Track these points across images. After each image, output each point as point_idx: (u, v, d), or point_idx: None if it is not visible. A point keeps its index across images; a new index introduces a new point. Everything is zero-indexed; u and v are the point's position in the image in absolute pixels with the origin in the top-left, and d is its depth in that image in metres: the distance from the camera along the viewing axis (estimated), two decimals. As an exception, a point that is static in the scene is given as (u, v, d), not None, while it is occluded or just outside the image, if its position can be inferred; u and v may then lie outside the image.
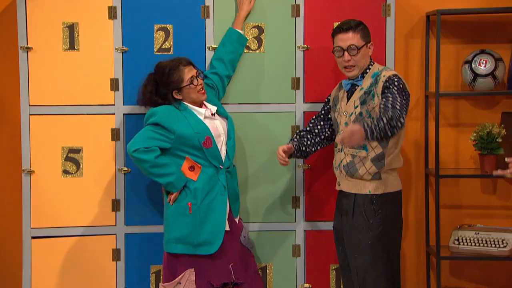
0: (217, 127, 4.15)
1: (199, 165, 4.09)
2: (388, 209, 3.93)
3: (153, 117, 4.05)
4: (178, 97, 4.11)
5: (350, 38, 3.95)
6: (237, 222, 4.25)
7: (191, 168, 4.09)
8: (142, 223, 4.43)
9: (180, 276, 4.09)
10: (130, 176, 4.39)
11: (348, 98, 4.02)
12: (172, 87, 4.08)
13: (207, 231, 4.07)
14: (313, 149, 4.17)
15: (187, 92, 4.10)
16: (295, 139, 4.15)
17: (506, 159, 3.54)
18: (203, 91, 4.12)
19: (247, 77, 4.41)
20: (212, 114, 4.16)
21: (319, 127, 4.19)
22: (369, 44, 4.00)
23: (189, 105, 4.13)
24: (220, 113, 4.24)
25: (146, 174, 4.08)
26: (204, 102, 4.19)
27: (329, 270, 4.48)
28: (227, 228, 4.13)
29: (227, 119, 4.24)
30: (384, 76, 3.90)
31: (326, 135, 4.18)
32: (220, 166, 4.12)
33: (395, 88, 3.84)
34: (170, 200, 4.09)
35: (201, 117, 4.11)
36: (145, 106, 4.18)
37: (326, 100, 4.23)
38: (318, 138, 4.17)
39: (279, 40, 4.41)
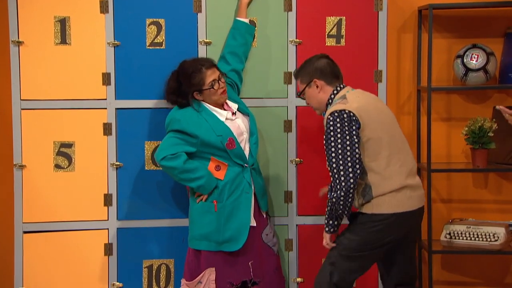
0: (239, 126, 4.15)
1: (225, 164, 4.09)
2: (368, 228, 3.80)
3: (174, 124, 4.06)
4: (199, 98, 4.10)
5: (298, 86, 4.03)
6: (264, 217, 4.26)
7: (217, 167, 4.09)
8: (134, 218, 4.42)
9: (200, 276, 4.11)
10: (122, 170, 4.38)
11: None
12: (193, 89, 4.07)
13: (231, 228, 4.08)
14: None
15: (207, 94, 4.09)
16: None
17: (497, 107, 3.62)
18: (224, 93, 4.11)
19: (239, 72, 4.41)
20: (233, 113, 4.15)
21: None
22: (311, 83, 3.95)
23: (210, 106, 4.12)
24: (241, 110, 4.23)
25: (176, 180, 4.10)
26: (227, 101, 4.19)
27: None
28: (253, 224, 4.15)
29: (248, 116, 4.23)
30: (324, 118, 3.85)
31: None
32: (245, 165, 4.13)
33: (326, 144, 3.78)
34: (199, 200, 4.12)
35: (223, 119, 4.11)
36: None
37: None
38: None
39: (271, 34, 4.41)
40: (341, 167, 3.73)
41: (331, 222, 3.90)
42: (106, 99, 4.37)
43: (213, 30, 4.38)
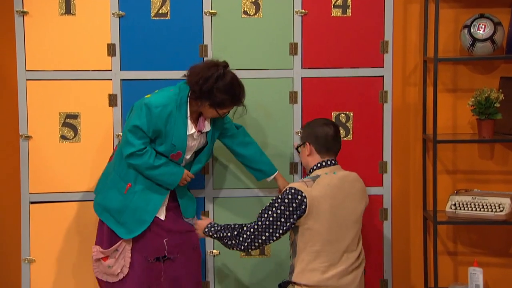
0: (194, 145, 4.09)
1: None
2: None
3: (141, 117, 3.94)
4: (204, 104, 3.95)
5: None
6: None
7: None
8: (140, 189, 4.43)
9: (118, 244, 4.10)
10: (128, 141, 4.39)
11: None
12: (211, 102, 3.93)
13: (131, 217, 4.05)
14: None
15: (209, 111, 3.99)
16: None
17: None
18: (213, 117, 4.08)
19: (244, 43, 4.38)
20: (199, 132, 4.08)
21: None
22: (305, 144, 3.99)
23: (189, 115, 4.01)
24: (208, 136, 4.15)
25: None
26: (207, 119, 4.10)
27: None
28: (162, 218, 4.11)
29: (207, 144, 4.16)
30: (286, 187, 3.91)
31: None
32: None
33: (268, 206, 3.87)
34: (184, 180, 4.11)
35: (188, 133, 4.02)
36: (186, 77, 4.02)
37: None
38: None
39: (277, 5, 4.38)
40: (259, 232, 3.85)
41: (215, 235, 3.95)
42: (111, 70, 4.36)
43: (218, 0, 4.35)
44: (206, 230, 3.98)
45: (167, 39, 4.33)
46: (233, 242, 3.89)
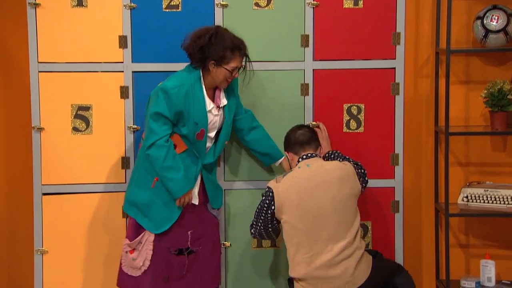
0: (214, 122, 4.12)
1: (184, 146, 4.06)
2: None
3: (162, 103, 3.96)
4: (211, 68, 4.01)
5: None
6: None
7: (174, 146, 4.05)
8: (151, 180, 4.45)
9: (140, 236, 4.12)
10: (139, 134, 4.39)
11: None
12: (215, 58, 3.99)
13: (158, 212, 4.08)
14: None
15: (219, 73, 4.02)
16: None
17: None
18: (228, 82, 4.08)
19: (256, 35, 4.38)
20: (218, 107, 4.11)
21: None
22: (286, 153, 4.17)
23: (205, 90, 4.06)
24: (225, 111, 4.17)
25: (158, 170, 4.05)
26: (221, 92, 4.14)
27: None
28: (196, 203, 4.15)
29: (224, 119, 4.18)
30: None
31: None
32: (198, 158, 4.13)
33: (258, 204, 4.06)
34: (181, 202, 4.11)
35: (207, 109, 4.06)
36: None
37: None
38: None
39: (288, -4, 4.39)
40: (253, 226, 4.07)
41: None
42: (123, 62, 4.37)
43: (230, -8, 4.37)
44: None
45: (179, 31, 4.32)
46: (250, 231, 4.11)
